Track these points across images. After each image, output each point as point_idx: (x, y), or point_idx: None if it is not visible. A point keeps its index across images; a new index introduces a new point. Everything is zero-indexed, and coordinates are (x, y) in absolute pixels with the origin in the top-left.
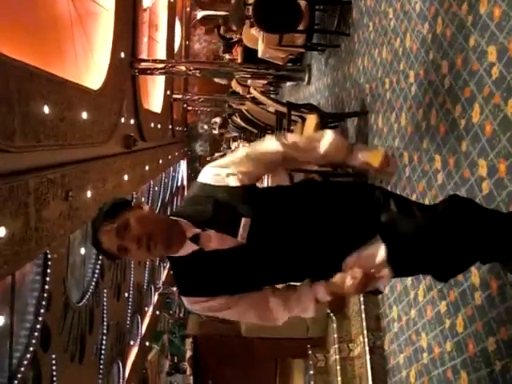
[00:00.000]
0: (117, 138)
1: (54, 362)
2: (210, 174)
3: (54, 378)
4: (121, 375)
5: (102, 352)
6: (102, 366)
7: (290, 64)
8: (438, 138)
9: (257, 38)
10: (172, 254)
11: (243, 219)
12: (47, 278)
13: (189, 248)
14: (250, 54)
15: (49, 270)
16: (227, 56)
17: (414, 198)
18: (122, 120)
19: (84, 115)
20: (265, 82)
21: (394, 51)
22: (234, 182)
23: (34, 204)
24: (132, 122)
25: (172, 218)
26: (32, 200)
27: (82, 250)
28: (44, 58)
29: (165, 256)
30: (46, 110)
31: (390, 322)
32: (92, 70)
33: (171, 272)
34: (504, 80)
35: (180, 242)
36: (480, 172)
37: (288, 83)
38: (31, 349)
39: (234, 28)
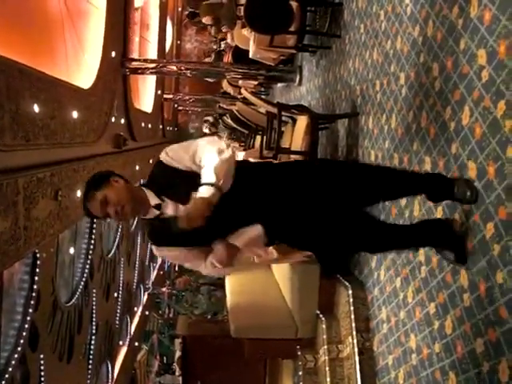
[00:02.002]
0: (107, 138)
1: (42, 361)
2: (168, 157)
3: (42, 378)
4: (109, 375)
5: (91, 352)
6: (90, 366)
7: (281, 65)
8: (428, 140)
9: (248, 39)
10: (142, 217)
11: (192, 193)
12: (36, 278)
13: (152, 213)
14: (240, 55)
15: (37, 270)
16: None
17: (403, 201)
18: (113, 119)
19: (74, 114)
20: (256, 82)
21: (384, 53)
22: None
23: (23, 203)
24: (122, 121)
25: (142, 187)
26: (21, 199)
27: (72, 250)
28: (34, 57)
29: (138, 218)
30: (36, 108)
31: (379, 324)
32: (83, 68)
33: (145, 229)
34: (494, 83)
35: (146, 209)
36: (469, 174)
37: (279, 84)
38: (19, 348)
39: (224, 29)
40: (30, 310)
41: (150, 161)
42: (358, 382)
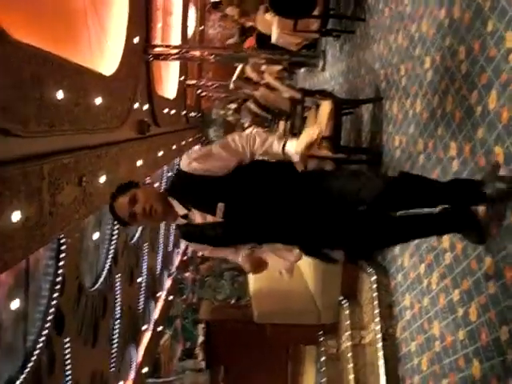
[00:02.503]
0: (130, 124)
1: (67, 345)
2: (195, 163)
3: (68, 361)
4: (133, 359)
5: (115, 336)
6: (114, 350)
7: (304, 50)
8: (453, 125)
9: (271, 24)
10: (170, 224)
11: (219, 204)
12: (61, 263)
13: (181, 221)
14: (263, 40)
15: (62, 255)
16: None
17: None
18: (136, 105)
19: (98, 100)
20: (279, 67)
21: (409, 37)
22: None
23: (48, 189)
24: (146, 107)
25: (167, 196)
26: (46, 185)
27: (96, 235)
28: (58, 44)
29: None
30: (60, 95)
31: (403, 310)
32: (106, 55)
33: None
34: None
35: (174, 218)
36: (496, 160)
37: (302, 69)
38: (45, 332)
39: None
40: (56, 295)
41: (174, 146)
42: (380, 368)
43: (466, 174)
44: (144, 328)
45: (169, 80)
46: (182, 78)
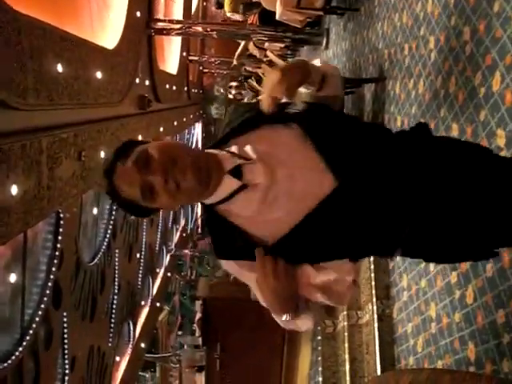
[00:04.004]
0: (131, 99)
1: (65, 319)
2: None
3: (65, 336)
4: (131, 335)
5: (113, 311)
6: (112, 325)
7: (308, 27)
8: (456, 106)
9: (275, 0)
10: (207, 197)
11: None
12: (59, 237)
13: (228, 186)
14: (267, 17)
15: (61, 229)
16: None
17: None
18: (137, 80)
19: (98, 74)
20: (282, 45)
21: (414, 16)
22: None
23: (47, 163)
24: (147, 82)
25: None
26: (44, 159)
27: (95, 210)
28: (58, 16)
29: (200, 201)
30: (60, 68)
31: (400, 291)
32: (107, 29)
33: (206, 228)
34: None
35: (216, 176)
36: (498, 142)
37: (305, 47)
38: (43, 306)
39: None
40: (54, 269)
41: (175, 123)
42: (376, 349)
43: None
44: (142, 304)
45: (171, 55)
46: (185, 53)
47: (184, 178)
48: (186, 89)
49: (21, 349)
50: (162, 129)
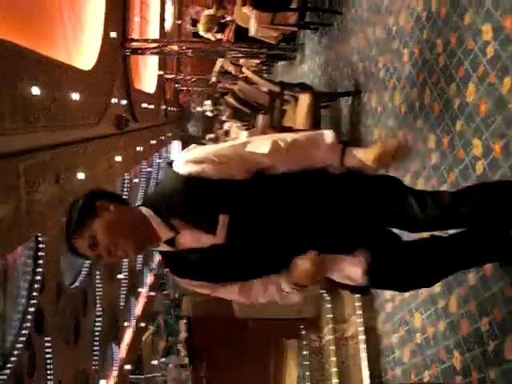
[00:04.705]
0: (108, 119)
1: (48, 344)
2: (185, 164)
3: (49, 361)
4: (116, 356)
5: (97, 334)
6: (96, 348)
7: (282, 43)
8: (432, 118)
9: (249, 17)
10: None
11: (221, 217)
12: (39, 261)
13: (164, 248)
14: (241, 33)
15: (41, 253)
16: (219, 36)
17: (407, 178)
18: (114, 100)
19: (75, 96)
20: (257, 61)
21: (387, 30)
22: (210, 174)
23: (25, 187)
24: (124, 102)
25: (144, 212)
26: (22, 183)
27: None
28: (33, 39)
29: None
30: (36, 91)
31: (384, 303)
32: (83, 50)
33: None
34: (499, 59)
35: (153, 244)
36: (474, 152)
37: (281, 62)
38: (25, 332)
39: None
40: (35, 294)
41: (153, 142)
42: (362, 361)
43: (445, 167)
44: (126, 325)
45: (147, 74)
46: (161, 72)
47: (124, 254)
48: (163, 107)
49: (3, 377)
50: (140, 148)
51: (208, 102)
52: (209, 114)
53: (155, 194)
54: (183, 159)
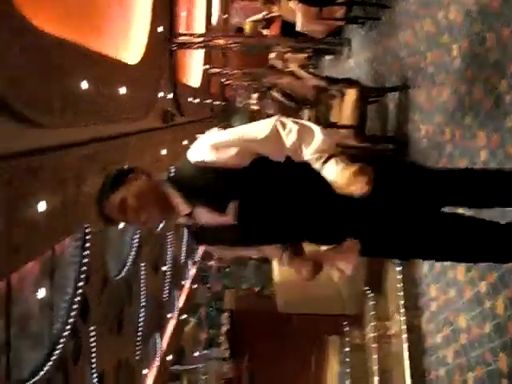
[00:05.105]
0: (155, 113)
1: (93, 333)
2: (201, 152)
3: (93, 349)
4: (158, 347)
5: (140, 324)
6: (139, 338)
7: (329, 37)
8: (481, 114)
9: (295, 11)
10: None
11: (231, 202)
12: (86, 252)
13: (184, 221)
14: (288, 28)
15: (88, 244)
16: (265, 32)
17: None
18: (160, 95)
19: (122, 90)
20: (304, 55)
21: (437, 24)
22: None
23: (74, 178)
24: (170, 96)
25: (167, 187)
26: (71, 175)
27: (121, 225)
28: (82, 34)
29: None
30: (84, 85)
31: (428, 301)
32: (130, 44)
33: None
34: None
35: (174, 218)
36: None
37: (327, 57)
38: (71, 321)
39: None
40: (81, 283)
41: (198, 135)
42: (405, 360)
43: (495, 165)
44: (169, 316)
45: (193, 68)
46: (207, 66)
47: (150, 220)
48: (208, 101)
49: (50, 363)
50: (185, 142)
51: (255, 96)
52: (253, 107)
53: (176, 174)
54: (200, 149)
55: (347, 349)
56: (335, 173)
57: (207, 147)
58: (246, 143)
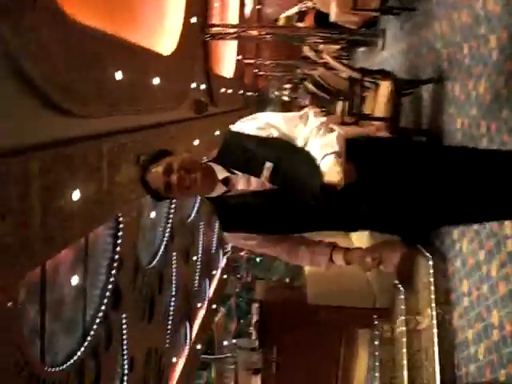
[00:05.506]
0: (188, 103)
1: (124, 320)
2: (255, 126)
3: (125, 336)
4: (188, 335)
5: (171, 313)
6: (170, 326)
7: (363, 28)
8: None
9: (330, 2)
10: (207, 195)
11: (267, 163)
12: (119, 241)
13: (219, 189)
14: (322, 19)
15: (120, 233)
16: (300, 25)
17: None
18: (193, 85)
19: (156, 80)
20: (337, 47)
21: (474, 14)
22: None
23: (107, 168)
24: (203, 87)
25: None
26: (105, 164)
27: (153, 214)
28: (116, 25)
29: (203, 197)
30: (119, 75)
31: (460, 296)
32: (164, 35)
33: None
34: None
35: (213, 181)
36: None
37: (361, 48)
38: (103, 308)
39: None
40: (114, 272)
41: (231, 126)
42: (435, 355)
43: None
44: (199, 305)
45: (226, 59)
46: (240, 56)
47: (193, 181)
48: (241, 92)
49: (82, 349)
50: (217, 132)
51: (288, 86)
52: (286, 98)
53: (218, 153)
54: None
55: (377, 342)
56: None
57: (259, 124)
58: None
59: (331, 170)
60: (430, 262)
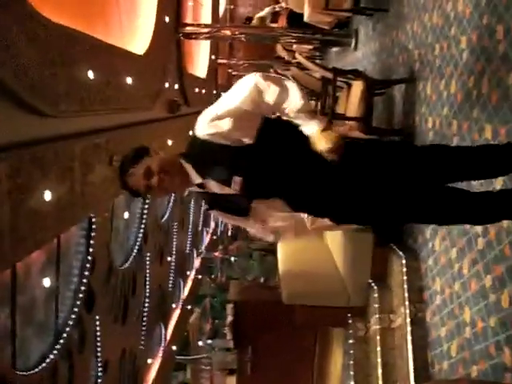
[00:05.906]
0: (161, 103)
1: (97, 322)
2: (205, 129)
3: (98, 338)
4: (163, 336)
5: (145, 314)
6: (144, 328)
7: (336, 29)
8: (489, 107)
9: (303, 2)
10: (183, 191)
11: (234, 178)
12: (91, 242)
13: (196, 189)
14: (295, 19)
15: (93, 234)
16: (273, 26)
17: None
18: (167, 85)
19: (129, 80)
20: (310, 47)
21: (445, 16)
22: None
23: (80, 168)
24: (176, 86)
25: (183, 159)
26: (77, 165)
27: (126, 215)
28: (88, 23)
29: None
30: (91, 74)
31: (433, 295)
32: (136, 34)
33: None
34: None
35: (189, 187)
36: None
37: (334, 48)
38: (76, 310)
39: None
40: (86, 273)
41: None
42: (409, 353)
43: None
44: (173, 306)
45: (200, 59)
46: (213, 56)
47: (171, 183)
48: (215, 92)
49: (55, 352)
50: (191, 132)
51: None
52: None
53: (187, 149)
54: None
55: (351, 341)
56: (313, 130)
57: (205, 124)
58: (234, 110)
59: (319, 137)
60: (403, 261)
